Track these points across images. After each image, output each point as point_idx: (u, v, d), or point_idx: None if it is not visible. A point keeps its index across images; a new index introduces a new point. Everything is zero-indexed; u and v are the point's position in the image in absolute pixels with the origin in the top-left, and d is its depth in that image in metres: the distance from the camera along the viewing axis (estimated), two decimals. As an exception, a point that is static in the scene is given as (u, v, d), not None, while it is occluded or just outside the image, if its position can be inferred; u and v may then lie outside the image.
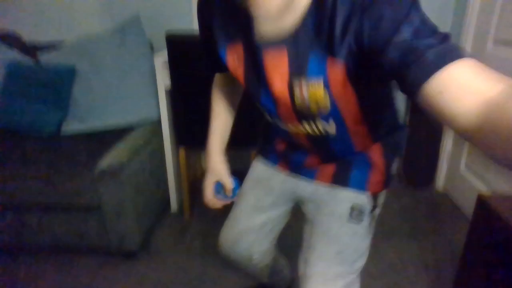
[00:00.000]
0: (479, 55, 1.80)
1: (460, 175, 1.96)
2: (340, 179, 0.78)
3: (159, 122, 1.80)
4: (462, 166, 1.96)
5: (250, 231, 0.96)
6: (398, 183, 2.22)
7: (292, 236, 1.42)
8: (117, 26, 1.88)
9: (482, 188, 1.77)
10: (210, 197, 0.95)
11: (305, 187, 0.84)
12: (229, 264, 1.55)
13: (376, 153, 0.77)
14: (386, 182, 0.78)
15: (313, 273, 0.76)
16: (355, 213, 0.75)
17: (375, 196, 0.77)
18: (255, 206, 0.94)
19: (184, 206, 1.86)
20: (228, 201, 0.97)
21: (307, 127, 0.70)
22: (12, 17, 2.11)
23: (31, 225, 1.50)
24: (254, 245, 0.97)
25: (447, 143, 2.08)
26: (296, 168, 0.87)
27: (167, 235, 1.76)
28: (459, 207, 1.96)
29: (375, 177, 0.76)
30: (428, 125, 2.09)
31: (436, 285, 1.44)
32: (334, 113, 0.65)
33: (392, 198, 2.06)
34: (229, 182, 0.93)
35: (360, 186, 0.76)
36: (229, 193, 0.94)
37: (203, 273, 1.51)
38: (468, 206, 1.87)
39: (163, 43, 1.55)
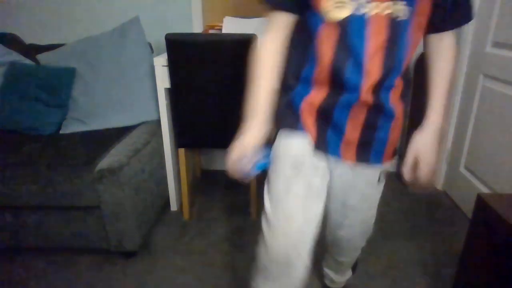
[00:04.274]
0: (478, 56, 1.80)
1: (460, 175, 1.96)
2: (364, 159, 0.90)
3: (158, 123, 1.80)
4: (462, 166, 1.96)
5: (310, 223, 0.87)
6: (398, 183, 2.22)
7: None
8: (117, 27, 1.89)
9: (482, 188, 1.77)
10: (232, 162, 0.83)
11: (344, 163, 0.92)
12: (229, 265, 1.56)
13: (398, 107, 0.86)
14: (395, 152, 0.95)
15: (357, 220, 1.01)
16: (381, 177, 0.96)
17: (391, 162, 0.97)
18: (308, 192, 0.86)
19: (184, 206, 1.87)
20: (249, 175, 0.83)
21: (391, 5, 0.74)
22: (13, 19, 2.11)
23: (31, 225, 1.50)
24: (311, 240, 0.90)
25: (447, 143, 2.08)
26: (328, 147, 0.87)
27: (166, 235, 1.76)
28: (459, 207, 1.96)
29: (389, 149, 0.91)
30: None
31: (436, 285, 1.44)
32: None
33: (392, 198, 2.06)
34: (252, 149, 0.82)
35: (380, 160, 0.92)
36: (248, 168, 0.81)
37: (203, 273, 1.51)
38: (468, 206, 1.87)
39: (163, 47, 1.55)
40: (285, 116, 0.87)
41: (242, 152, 0.82)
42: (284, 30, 0.84)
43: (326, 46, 0.79)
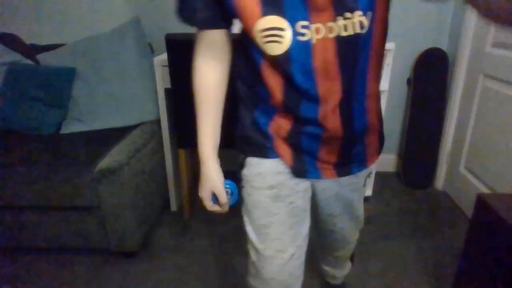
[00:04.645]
0: (478, 56, 1.80)
1: (460, 175, 1.96)
2: (347, 173, 0.84)
3: (158, 122, 1.80)
4: (462, 166, 1.96)
5: (301, 246, 0.85)
6: (398, 183, 2.22)
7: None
8: (117, 27, 1.89)
9: (482, 188, 1.77)
10: (211, 205, 0.84)
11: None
12: (229, 265, 1.56)
13: (374, 116, 0.79)
14: (380, 149, 0.88)
15: (346, 222, 0.98)
16: (367, 181, 0.93)
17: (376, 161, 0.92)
18: (293, 218, 0.82)
19: (184, 205, 1.87)
20: (227, 208, 0.86)
21: (340, 22, 0.61)
22: (13, 19, 2.11)
23: (31, 225, 1.50)
24: (304, 257, 0.87)
25: (447, 143, 2.08)
26: (306, 170, 0.81)
27: (167, 235, 1.76)
28: (459, 207, 1.96)
29: (371, 150, 0.84)
30: (428, 126, 2.09)
31: (436, 285, 1.44)
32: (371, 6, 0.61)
33: (392, 198, 2.06)
34: (223, 194, 0.81)
35: (364, 165, 0.86)
36: (224, 206, 0.84)
37: (203, 273, 1.51)
38: (468, 206, 1.87)
39: (163, 47, 1.55)
40: (253, 139, 0.80)
41: (211, 197, 0.82)
42: (222, 48, 0.77)
43: (274, 86, 0.69)
